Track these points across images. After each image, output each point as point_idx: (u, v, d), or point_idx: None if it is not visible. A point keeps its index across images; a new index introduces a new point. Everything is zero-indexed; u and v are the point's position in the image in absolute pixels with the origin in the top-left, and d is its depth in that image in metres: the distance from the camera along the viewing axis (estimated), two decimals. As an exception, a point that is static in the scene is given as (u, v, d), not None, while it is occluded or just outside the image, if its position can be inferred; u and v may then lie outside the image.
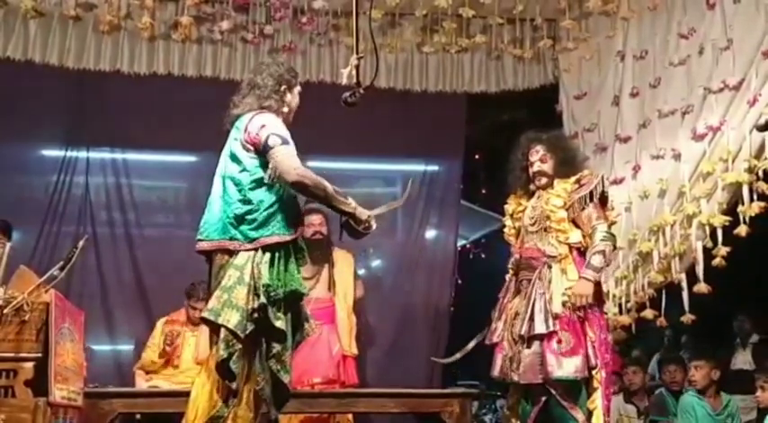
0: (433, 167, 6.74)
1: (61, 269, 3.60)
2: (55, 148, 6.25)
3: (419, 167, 6.78)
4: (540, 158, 4.23)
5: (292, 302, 3.44)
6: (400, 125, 6.41)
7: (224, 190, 3.48)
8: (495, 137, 7.26)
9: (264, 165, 3.41)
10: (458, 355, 4.55)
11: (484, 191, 8.24)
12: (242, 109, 3.54)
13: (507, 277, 4.31)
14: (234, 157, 3.49)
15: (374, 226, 3.55)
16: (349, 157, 6.73)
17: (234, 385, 3.29)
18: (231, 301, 3.30)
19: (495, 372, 4.16)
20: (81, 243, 3.80)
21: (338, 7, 5.90)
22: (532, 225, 4.19)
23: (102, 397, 4.36)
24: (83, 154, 6.23)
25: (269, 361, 3.38)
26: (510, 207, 4.37)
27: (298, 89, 3.68)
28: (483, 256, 9.20)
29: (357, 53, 3.64)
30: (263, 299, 3.30)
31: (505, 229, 4.41)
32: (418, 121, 6.47)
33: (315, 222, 5.58)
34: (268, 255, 3.37)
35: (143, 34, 5.74)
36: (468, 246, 9.12)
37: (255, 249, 3.36)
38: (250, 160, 3.45)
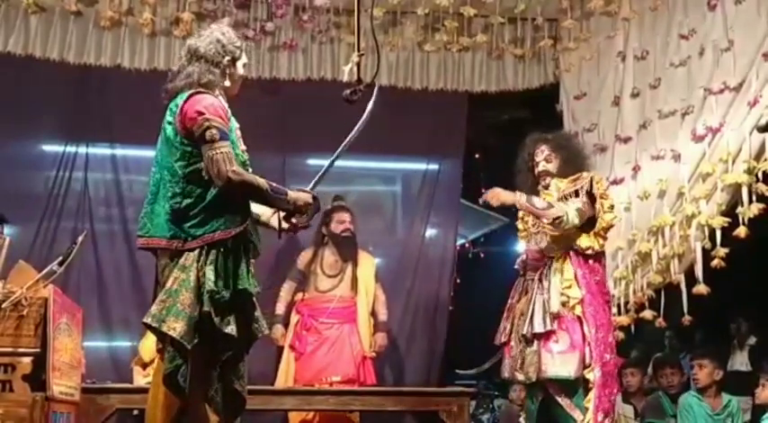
0: (434, 166, 6.73)
1: (60, 264, 3.58)
2: (54, 143, 6.24)
3: (419, 166, 6.77)
4: (545, 158, 4.23)
5: (242, 304, 3.13)
6: (401, 123, 6.40)
7: (161, 181, 3.14)
8: (495, 136, 7.27)
9: (201, 154, 3.08)
10: (473, 371, 4.57)
11: (484, 190, 8.21)
12: (181, 82, 3.18)
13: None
14: (169, 144, 3.14)
15: (319, 205, 3.31)
16: (349, 155, 6.68)
17: (183, 399, 3.04)
18: (176, 307, 2.98)
19: (505, 373, 4.20)
20: (80, 239, 3.78)
21: (339, 5, 5.91)
22: (534, 225, 4.21)
23: (99, 392, 4.37)
24: (82, 149, 6.21)
25: (220, 369, 3.12)
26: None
27: (243, 61, 3.34)
28: (482, 255, 9.21)
29: (358, 50, 3.63)
30: (206, 307, 2.99)
31: (519, 232, 4.43)
32: (419, 120, 6.47)
33: (345, 219, 5.61)
34: (213, 254, 3.04)
35: (144, 30, 5.75)
36: (467, 245, 9.12)
37: (200, 248, 3.05)
38: (186, 148, 3.11)
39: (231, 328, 3.05)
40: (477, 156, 7.84)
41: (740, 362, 6.58)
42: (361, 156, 6.71)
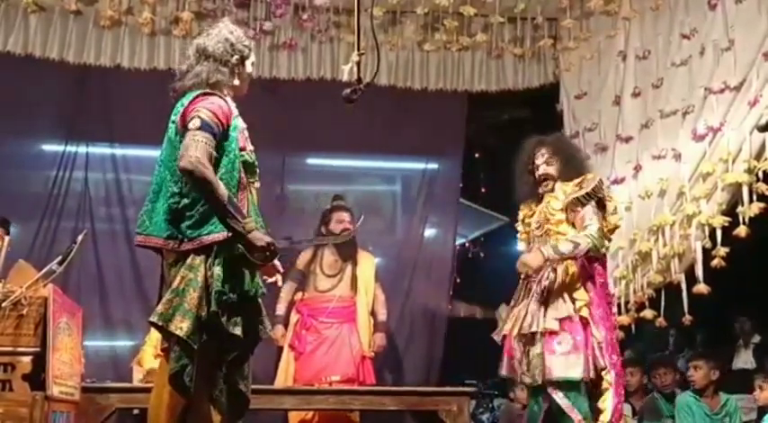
0: (433, 166, 6.74)
1: (60, 264, 3.58)
2: (54, 143, 6.25)
3: (419, 165, 6.78)
4: (545, 161, 4.23)
5: (248, 305, 3.11)
6: (400, 123, 6.41)
7: (164, 180, 3.12)
8: (495, 136, 7.28)
9: None
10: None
11: (483, 189, 8.25)
12: (189, 82, 3.16)
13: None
14: (171, 143, 3.13)
15: (276, 256, 3.10)
16: (349, 155, 6.74)
17: (188, 399, 3.03)
18: (183, 307, 2.96)
19: (503, 370, 4.19)
20: (80, 238, 3.78)
21: (339, 4, 5.91)
22: (537, 228, 4.21)
23: (99, 392, 4.36)
24: (82, 149, 6.23)
25: (225, 369, 3.10)
26: (522, 213, 4.37)
27: (251, 60, 3.32)
28: (482, 254, 9.21)
29: (358, 50, 3.62)
30: (214, 307, 2.97)
31: (518, 235, 4.42)
32: (418, 120, 6.47)
33: (345, 219, 5.61)
34: (222, 254, 3.01)
35: (144, 29, 5.75)
36: (466, 244, 9.12)
37: (209, 248, 3.01)
38: None
39: (238, 329, 3.04)
40: (477, 155, 7.85)
41: (744, 360, 6.60)
42: (361, 155, 6.73)
